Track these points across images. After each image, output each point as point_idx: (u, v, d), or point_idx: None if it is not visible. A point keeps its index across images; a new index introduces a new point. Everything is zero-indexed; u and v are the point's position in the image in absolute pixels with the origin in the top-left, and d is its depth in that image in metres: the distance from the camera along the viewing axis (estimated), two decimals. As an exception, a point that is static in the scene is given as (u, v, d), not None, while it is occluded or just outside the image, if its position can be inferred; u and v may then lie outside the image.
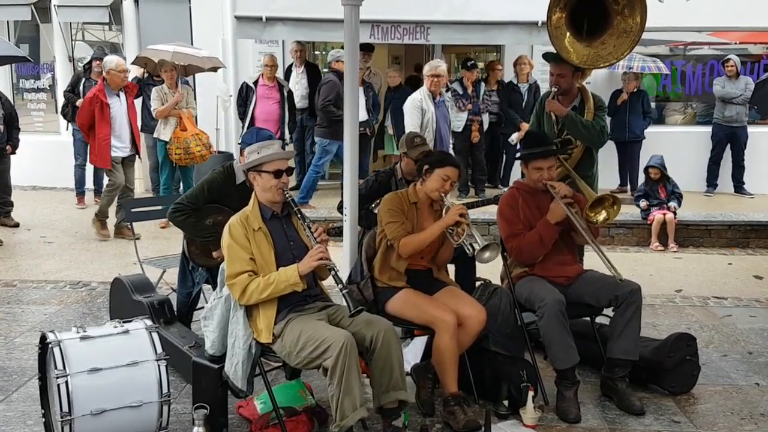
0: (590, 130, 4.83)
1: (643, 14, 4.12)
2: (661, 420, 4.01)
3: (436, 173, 3.98)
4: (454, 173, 3.99)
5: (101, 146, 7.78)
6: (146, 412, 3.37)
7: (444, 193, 3.98)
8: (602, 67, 4.80)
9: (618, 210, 4.33)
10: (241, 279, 3.47)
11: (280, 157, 3.63)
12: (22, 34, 11.54)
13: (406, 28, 9.02)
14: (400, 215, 3.98)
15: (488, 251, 3.78)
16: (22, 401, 4.13)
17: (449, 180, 3.98)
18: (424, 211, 4.08)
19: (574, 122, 4.81)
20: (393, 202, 4.04)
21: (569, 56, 4.27)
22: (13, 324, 5.41)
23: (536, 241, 4.21)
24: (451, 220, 3.84)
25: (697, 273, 7.29)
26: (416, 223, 4.01)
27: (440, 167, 3.98)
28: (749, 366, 4.81)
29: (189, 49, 8.71)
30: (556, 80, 4.93)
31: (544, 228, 4.20)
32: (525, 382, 3.96)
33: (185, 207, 4.43)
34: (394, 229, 3.93)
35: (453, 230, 3.87)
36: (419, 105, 7.37)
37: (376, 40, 9.17)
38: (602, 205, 4.31)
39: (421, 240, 3.90)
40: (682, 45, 11.03)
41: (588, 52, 4.25)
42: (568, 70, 4.83)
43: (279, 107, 9.27)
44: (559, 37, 4.22)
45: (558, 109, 4.90)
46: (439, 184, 3.97)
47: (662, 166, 8.35)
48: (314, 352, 3.32)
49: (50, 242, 8.06)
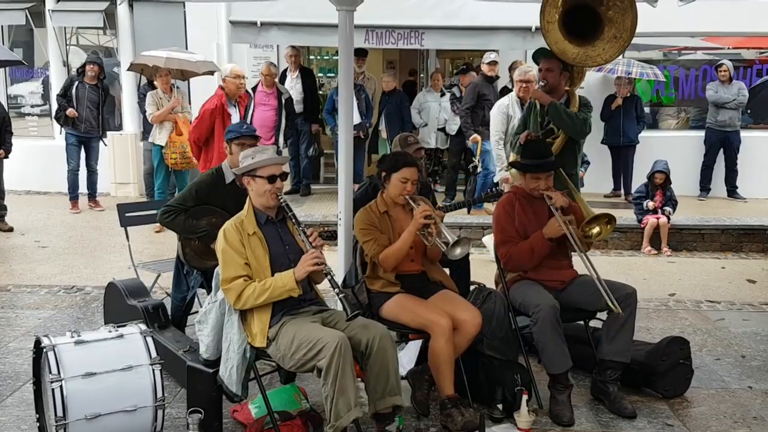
0: (573, 119, 4.85)
1: (634, 20, 4.16)
2: (654, 423, 4.02)
3: (393, 178, 3.99)
4: (411, 173, 3.98)
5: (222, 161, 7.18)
6: (141, 417, 3.38)
7: (407, 194, 3.98)
8: (591, 66, 4.85)
9: (611, 229, 4.35)
10: (237, 284, 3.48)
11: (274, 162, 3.64)
12: (17, 38, 11.54)
13: (401, 33, 9.05)
14: (373, 230, 3.98)
15: (459, 247, 3.81)
16: (17, 406, 4.12)
17: (408, 181, 3.97)
18: (397, 216, 4.08)
19: (558, 110, 4.84)
20: (363, 219, 4.03)
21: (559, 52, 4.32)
22: (7, 329, 5.40)
23: (527, 251, 4.23)
24: (418, 224, 3.85)
25: (690, 277, 7.32)
26: (393, 231, 4.01)
27: (395, 171, 3.99)
28: (742, 369, 4.83)
29: (182, 54, 8.73)
30: (544, 75, 4.97)
31: (538, 241, 4.21)
32: (519, 385, 3.97)
33: (174, 208, 4.48)
34: (371, 247, 3.94)
35: (424, 232, 3.88)
36: (506, 111, 6.99)
37: (370, 45, 9.20)
38: (597, 222, 4.32)
39: (397, 249, 3.90)
40: (676, 50, 11.08)
41: (577, 51, 4.31)
42: (556, 65, 4.87)
43: (275, 114, 9.26)
44: (551, 31, 4.26)
45: (542, 97, 4.96)
46: (399, 188, 3.98)
47: (668, 170, 8.35)
48: (308, 353, 3.32)
49: (44, 247, 8.04)
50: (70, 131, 9.44)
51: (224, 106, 6.91)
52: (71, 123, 9.33)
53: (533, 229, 4.30)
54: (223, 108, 6.89)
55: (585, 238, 4.29)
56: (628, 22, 4.19)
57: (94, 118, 9.45)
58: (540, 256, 4.23)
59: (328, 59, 13.47)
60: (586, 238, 4.31)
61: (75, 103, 9.26)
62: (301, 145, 10.03)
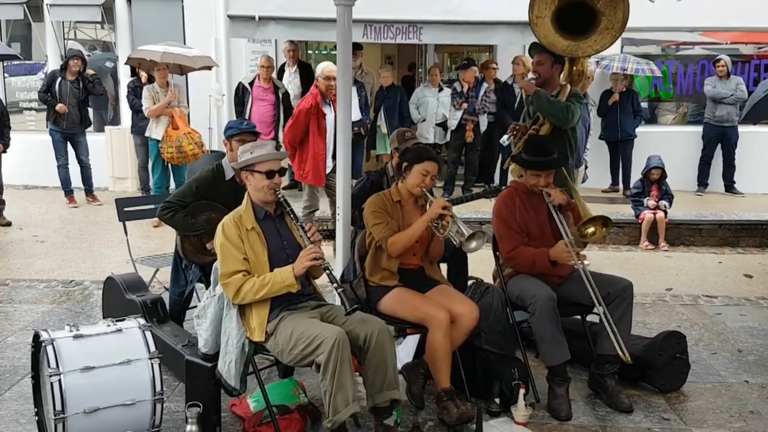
0: (555, 106, 4.86)
1: (626, 11, 4.18)
2: (650, 417, 4.04)
3: (415, 169, 4.01)
4: (433, 167, 4.01)
5: (317, 162, 6.87)
6: (139, 411, 3.38)
7: (425, 187, 4.01)
8: (581, 56, 4.87)
9: (607, 231, 4.37)
10: (236, 279, 3.48)
11: (272, 157, 3.64)
12: (14, 33, 11.50)
13: (399, 27, 9.03)
14: (385, 215, 4.00)
15: (474, 240, 3.81)
16: (15, 400, 4.13)
17: (429, 175, 4.00)
18: (408, 208, 4.10)
19: (541, 98, 4.86)
20: (376, 203, 4.05)
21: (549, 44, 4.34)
22: (6, 323, 5.41)
23: (529, 262, 4.24)
24: (434, 214, 3.86)
25: (687, 272, 7.34)
26: (402, 221, 4.03)
27: (418, 163, 4.00)
28: (739, 364, 4.85)
29: (179, 49, 8.70)
30: (535, 67, 5.02)
31: (541, 259, 4.21)
32: (516, 380, 3.99)
33: (174, 204, 4.49)
34: (381, 230, 3.95)
35: (438, 224, 3.90)
36: None
37: (368, 39, 9.18)
38: (594, 223, 4.33)
39: (408, 236, 3.91)
40: (674, 45, 11.08)
41: (568, 44, 4.35)
42: (547, 57, 4.90)
43: (273, 109, 9.27)
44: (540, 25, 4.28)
45: (527, 86, 4.99)
46: (419, 179, 4.00)
47: (662, 165, 8.37)
48: (307, 349, 3.33)
49: (42, 241, 8.04)
50: (53, 128, 9.44)
51: (319, 106, 6.81)
52: (53, 119, 9.32)
53: (533, 225, 4.32)
54: (318, 107, 6.79)
55: (581, 237, 4.31)
56: (620, 13, 4.21)
57: (76, 114, 9.43)
58: (540, 269, 4.24)
59: (326, 54, 13.45)
60: (582, 237, 4.32)
61: (58, 99, 9.25)
62: (299, 141, 10.01)
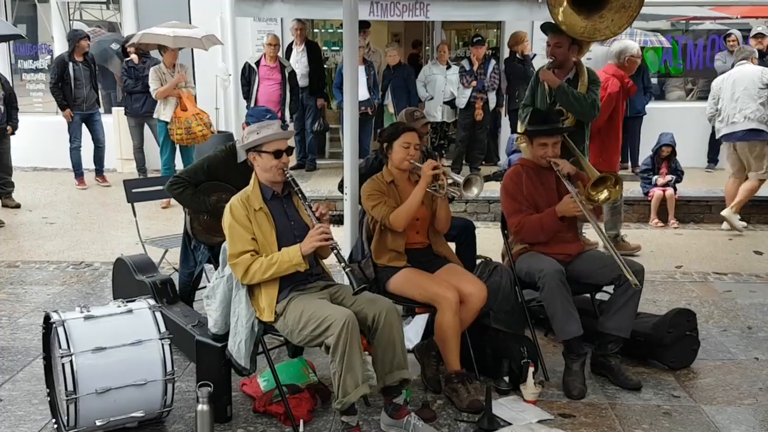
0: (581, 102, 4.82)
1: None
2: (660, 395, 4.04)
3: (395, 145, 4.01)
4: (412, 137, 4.01)
5: None
6: (151, 390, 3.42)
7: (411, 158, 4.00)
8: (600, 40, 4.79)
9: (620, 190, 4.31)
10: (244, 259, 3.49)
11: (279, 137, 3.62)
12: (20, 13, 11.46)
13: (406, 4, 8.96)
14: (381, 196, 3.99)
15: (473, 185, 3.84)
16: (27, 381, 4.16)
17: (411, 145, 4.00)
18: (403, 185, 4.08)
19: (566, 94, 4.80)
20: (371, 187, 4.05)
21: (567, 27, 4.26)
22: (17, 304, 5.45)
23: (537, 226, 4.20)
24: (428, 177, 3.85)
25: (697, 249, 7.31)
26: (400, 199, 4.02)
27: (396, 138, 4.01)
28: (749, 341, 4.84)
29: (186, 30, 8.60)
30: (552, 50, 4.93)
31: (548, 217, 4.18)
32: (525, 358, 3.99)
33: (183, 180, 4.46)
34: (380, 209, 3.94)
35: (435, 186, 3.90)
36: None
37: (375, 17, 9.11)
38: (604, 185, 4.27)
39: (409, 207, 3.90)
40: (684, 20, 10.96)
41: (585, 25, 4.25)
42: (565, 40, 4.82)
43: (280, 88, 9.25)
44: (557, 6, 4.21)
45: (551, 79, 4.91)
46: (403, 153, 4.00)
47: (674, 143, 8.31)
48: (316, 330, 3.34)
49: (52, 223, 8.07)
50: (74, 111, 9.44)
51: None
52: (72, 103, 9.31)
53: (541, 199, 4.28)
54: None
55: (589, 201, 4.21)
56: None
57: (92, 94, 9.48)
58: (549, 231, 4.20)
59: (332, 32, 13.36)
60: (592, 201, 4.23)
61: (73, 84, 9.22)
62: (306, 120, 9.99)
